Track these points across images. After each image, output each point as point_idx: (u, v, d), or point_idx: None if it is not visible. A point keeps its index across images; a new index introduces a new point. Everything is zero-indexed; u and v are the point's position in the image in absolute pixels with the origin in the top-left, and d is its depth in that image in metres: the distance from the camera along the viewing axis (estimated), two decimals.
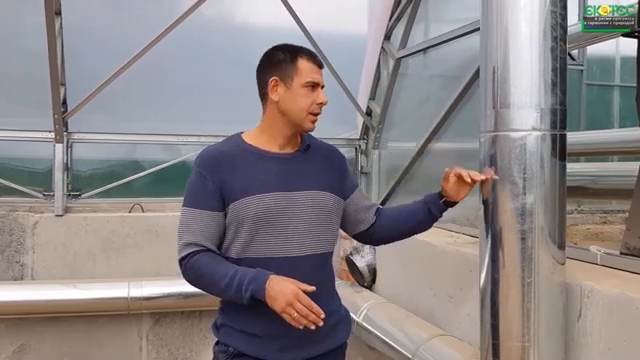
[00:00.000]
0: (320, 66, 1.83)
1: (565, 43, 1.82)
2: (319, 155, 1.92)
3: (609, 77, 5.95)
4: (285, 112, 1.80)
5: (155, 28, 3.75)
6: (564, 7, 1.81)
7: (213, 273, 1.72)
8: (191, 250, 1.74)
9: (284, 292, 1.60)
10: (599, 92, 5.94)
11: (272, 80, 1.80)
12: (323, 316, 1.60)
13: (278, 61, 1.80)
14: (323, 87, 1.83)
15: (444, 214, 1.98)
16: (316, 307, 1.60)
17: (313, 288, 1.63)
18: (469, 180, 1.84)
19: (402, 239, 2.08)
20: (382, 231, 2.02)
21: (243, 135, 1.88)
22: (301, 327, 1.60)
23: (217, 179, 1.76)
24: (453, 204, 1.95)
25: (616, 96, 5.97)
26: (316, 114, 1.81)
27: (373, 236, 2.04)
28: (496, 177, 1.83)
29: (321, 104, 1.80)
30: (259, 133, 1.86)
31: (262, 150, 1.82)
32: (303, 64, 1.79)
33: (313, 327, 1.60)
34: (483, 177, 1.86)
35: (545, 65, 1.78)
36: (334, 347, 1.88)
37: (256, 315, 1.72)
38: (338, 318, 1.91)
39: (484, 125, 1.90)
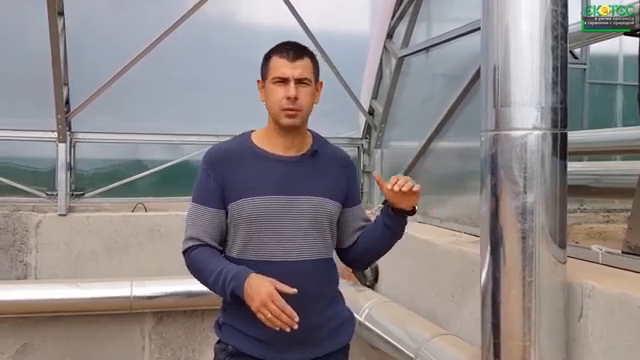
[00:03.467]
0: (294, 59, 1.75)
1: (566, 42, 1.82)
2: (328, 161, 1.89)
3: (612, 76, 5.94)
4: (269, 111, 1.83)
5: (157, 27, 3.76)
6: (565, 6, 1.81)
7: (205, 268, 1.76)
8: (191, 244, 1.79)
9: (260, 292, 1.60)
10: (602, 91, 5.92)
11: (258, 82, 1.86)
12: (297, 319, 1.58)
13: (261, 63, 1.85)
14: (303, 81, 1.76)
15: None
16: (289, 309, 1.57)
17: (294, 290, 1.60)
18: (389, 187, 1.72)
19: (378, 255, 2.00)
20: (356, 251, 1.95)
21: (253, 134, 1.88)
22: (277, 328, 1.58)
23: (220, 177, 1.78)
24: (406, 212, 1.81)
25: (619, 95, 5.95)
26: (288, 109, 1.75)
27: (348, 255, 1.98)
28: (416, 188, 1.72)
29: (289, 98, 1.73)
30: (265, 133, 1.87)
31: (266, 151, 1.82)
32: (274, 61, 1.79)
33: (288, 329, 1.58)
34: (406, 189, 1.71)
35: (546, 64, 1.78)
36: (335, 349, 1.88)
37: (256, 318, 1.71)
38: (340, 321, 1.90)
39: (485, 124, 1.90)
